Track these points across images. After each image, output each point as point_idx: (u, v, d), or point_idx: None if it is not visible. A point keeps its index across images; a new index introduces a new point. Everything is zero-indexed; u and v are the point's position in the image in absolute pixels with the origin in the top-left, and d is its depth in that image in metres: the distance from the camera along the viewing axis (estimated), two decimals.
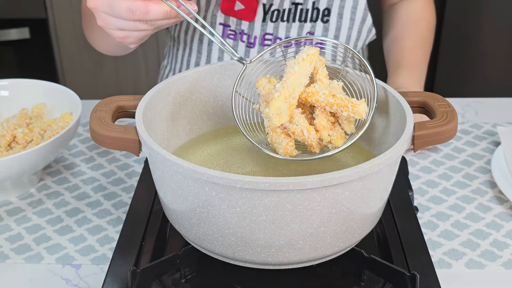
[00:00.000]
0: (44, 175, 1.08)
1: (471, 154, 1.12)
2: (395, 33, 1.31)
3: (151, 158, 0.75)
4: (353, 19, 1.22)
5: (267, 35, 1.23)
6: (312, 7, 1.21)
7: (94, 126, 0.76)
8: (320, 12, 1.21)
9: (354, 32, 1.24)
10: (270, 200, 0.66)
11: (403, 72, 1.22)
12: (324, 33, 1.23)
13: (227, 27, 1.22)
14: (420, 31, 1.30)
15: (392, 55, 1.28)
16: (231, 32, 1.22)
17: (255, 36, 1.23)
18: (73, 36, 2.44)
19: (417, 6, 1.32)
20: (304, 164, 0.84)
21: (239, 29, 1.23)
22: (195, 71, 0.88)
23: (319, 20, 1.22)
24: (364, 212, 0.73)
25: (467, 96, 1.37)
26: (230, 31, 1.23)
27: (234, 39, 1.23)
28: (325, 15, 1.21)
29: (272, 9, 1.21)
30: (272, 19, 1.22)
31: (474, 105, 1.29)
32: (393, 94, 0.81)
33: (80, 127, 1.21)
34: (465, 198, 1.01)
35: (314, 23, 1.22)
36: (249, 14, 1.21)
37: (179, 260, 0.77)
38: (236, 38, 1.23)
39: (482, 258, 0.88)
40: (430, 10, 1.34)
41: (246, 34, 1.23)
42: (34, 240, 0.93)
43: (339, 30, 1.23)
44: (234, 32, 1.23)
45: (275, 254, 0.71)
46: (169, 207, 0.76)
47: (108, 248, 0.91)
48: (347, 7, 1.21)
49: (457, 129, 0.90)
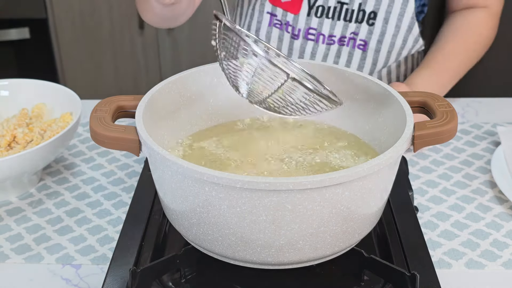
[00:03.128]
0: (44, 175, 1.07)
1: (471, 154, 1.12)
2: (441, 35, 1.28)
3: (151, 158, 0.75)
4: (399, 26, 1.22)
5: (311, 29, 1.24)
6: (358, 8, 1.21)
7: (94, 126, 0.76)
8: (366, 14, 1.21)
9: (399, 40, 1.23)
10: (270, 200, 0.66)
11: (425, 72, 1.20)
12: (368, 35, 1.22)
13: (274, 17, 1.25)
14: (468, 41, 1.26)
15: (428, 54, 1.26)
16: (277, 21, 1.25)
17: (299, 29, 1.24)
18: (73, 36, 2.44)
19: (477, 17, 1.28)
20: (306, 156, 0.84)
21: (284, 20, 1.25)
22: (195, 70, 0.88)
23: (364, 22, 1.22)
24: (364, 212, 0.73)
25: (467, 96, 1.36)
26: (276, 20, 1.25)
27: (280, 28, 1.26)
28: (371, 18, 1.21)
29: (317, 4, 1.22)
30: (317, 15, 1.22)
31: (474, 105, 1.29)
32: (393, 94, 0.81)
33: (80, 127, 1.21)
34: (465, 198, 1.01)
35: (359, 24, 1.22)
36: (294, 7, 1.23)
37: (179, 260, 0.77)
38: (282, 28, 1.25)
39: (482, 258, 0.88)
40: (490, 26, 1.30)
41: (291, 25, 1.24)
42: (34, 240, 0.93)
43: (383, 35, 1.23)
44: (280, 22, 1.25)
45: (275, 254, 0.71)
46: (169, 207, 0.76)
47: (108, 248, 0.91)
48: (393, 13, 1.21)
49: (457, 129, 0.90)
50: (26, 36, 2.36)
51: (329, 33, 1.23)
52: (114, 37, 2.44)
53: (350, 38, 1.21)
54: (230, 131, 0.92)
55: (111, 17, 2.40)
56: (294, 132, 0.91)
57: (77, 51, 2.47)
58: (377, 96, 0.84)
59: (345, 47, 1.23)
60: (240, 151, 0.86)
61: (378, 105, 0.85)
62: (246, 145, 0.87)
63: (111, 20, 2.40)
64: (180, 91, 0.87)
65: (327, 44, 1.22)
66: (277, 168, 0.82)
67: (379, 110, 0.84)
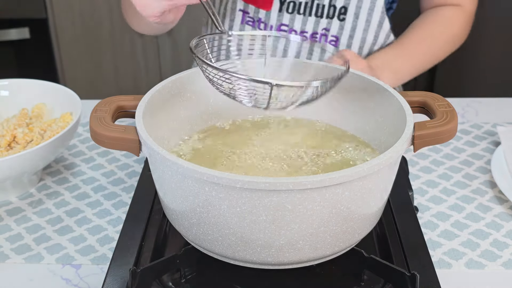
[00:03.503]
0: (44, 175, 1.07)
1: (471, 154, 1.12)
2: (410, 27, 1.28)
3: (151, 158, 0.75)
4: (369, 21, 1.22)
5: (282, 26, 1.24)
6: (329, 3, 1.21)
7: (94, 126, 0.76)
8: (337, 10, 1.21)
9: (370, 35, 1.24)
10: (270, 200, 0.66)
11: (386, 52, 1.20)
12: (339, 31, 1.23)
13: (246, 14, 1.25)
14: (435, 31, 1.27)
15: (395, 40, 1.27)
16: (249, 19, 1.25)
17: (271, 26, 1.24)
18: (73, 36, 2.44)
19: (447, 11, 1.29)
20: None
21: (257, 17, 1.25)
22: (195, 70, 0.88)
23: (335, 17, 1.22)
24: (364, 212, 0.73)
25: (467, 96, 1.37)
26: (248, 17, 1.25)
27: (253, 25, 1.26)
28: (342, 13, 1.21)
29: (288, 0, 1.22)
30: (288, 10, 1.23)
31: (474, 105, 1.29)
32: (393, 94, 0.81)
33: (80, 127, 1.21)
34: (465, 198, 1.01)
35: (331, 20, 1.22)
36: (265, 3, 1.23)
37: (179, 260, 0.77)
38: (254, 25, 1.25)
39: (482, 258, 0.88)
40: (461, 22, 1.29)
41: (263, 22, 1.24)
42: (34, 240, 0.93)
43: (354, 31, 1.23)
44: (253, 19, 1.25)
45: (275, 254, 0.71)
46: (169, 207, 0.76)
47: (108, 248, 0.91)
48: (364, 8, 1.21)
49: (457, 129, 0.90)
50: (26, 36, 2.36)
51: (300, 29, 1.23)
52: (114, 37, 2.44)
53: (322, 34, 1.22)
54: (231, 131, 0.91)
55: (111, 17, 2.40)
56: (295, 132, 0.91)
57: (77, 51, 2.47)
58: (377, 96, 0.84)
59: (316, 44, 1.24)
60: (241, 151, 0.86)
61: (378, 105, 0.84)
62: (247, 145, 0.87)
63: (111, 20, 2.40)
64: (180, 91, 0.87)
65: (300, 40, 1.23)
66: (278, 168, 0.82)
67: (379, 110, 0.84)
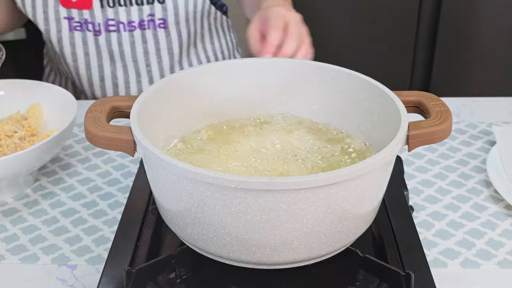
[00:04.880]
0: (40, 175, 1.07)
1: (466, 153, 1.12)
2: None
3: (146, 158, 0.75)
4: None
5: (109, 20, 1.26)
6: None
7: (89, 127, 0.76)
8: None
9: (190, 6, 1.28)
10: (264, 200, 0.66)
11: None
12: (164, 12, 1.27)
13: (71, 20, 1.26)
14: None
15: None
16: (76, 24, 1.26)
17: (99, 23, 1.27)
18: None
19: None
20: None
21: (83, 19, 1.26)
22: (191, 70, 0.88)
23: (155, 1, 1.25)
24: (359, 211, 0.73)
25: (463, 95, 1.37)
26: (75, 23, 1.26)
27: (81, 30, 1.27)
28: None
29: None
30: (110, 5, 1.25)
31: (470, 104, 1.30)
32: (388, 93, 0.81)
33: (75, 128, 1.21)
34: (460, 197, 1.01)
35: (152, 5, 1.26)
36: (86, 3, 1.25)
37: (174, 260, 0.77)
38: (83, 28, 1.27)
39: (477, 257, 0.88)
40: None
41: (90, 22, 1.26)
42: (30, 241, 0.93)
43: (177, 8, 1.27)
44: (80, 23, 1.26)
45: (270, 254, 0.71)
46: (164, 207, 0.76)
47: (103, 248, 0.91)
48: None
49: (452, 128, 0.91)
50: (23, 36, 2.36)
51: (127, 20, 1.26)
52: None
53: (149, 20, 1.25)
54: (227, 131, 0.91)
55: None
56: (291, 131, 0.91)
57: None
58: (372, 95, 0.84)
59: (147, 30, 1.28)
60: (237, 151, 0.86)
61: (372, 105, 0.84)
62: (243, 145, 0.87)
63: None
64: (175, 92, 0.87)
65: (129, 31, 1.25)
66: (273, 168, 0.82)
67: (373, 109, 0.84)
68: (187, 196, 0.70)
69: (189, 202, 0.70)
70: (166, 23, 1.27)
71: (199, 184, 0.67)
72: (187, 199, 0.70)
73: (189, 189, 0.69)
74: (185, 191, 0.69)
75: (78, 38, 1.29)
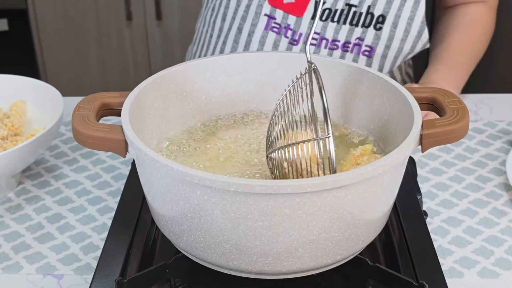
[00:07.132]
0: (24, 178, 1.08)
1: (484, 154, 1.13)
2: (444, 31, 1.31)
3: (138, 160, 0.75)
4: (408, 31, 1.22)
5: (314, 34, 1.23)
6: (367, 11, 1.21)
7: (77, 125, 0.76)
8: (374, 18, 1.22)
9: (407, 45, 1.24)
10: (266, 204, 0.66)
11: (440, 68, 1.22)
12: (374, 41, 1.23)
13: (272, 19, 1.24)
14: (472, 34, 1.30)
15: (434, 51, 1.29)
16: (275, 25, 1.24)
17: (301, 33, 1.24)
18: (55, 28, 2.44)
19: (476, 9, 1.32)
20: None
21: (285, 23, 1.24)
22: (186, 65, 0.89)
23: (371, 26, 1.22)
24: (369, 217, 0.73)
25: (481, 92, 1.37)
26: (274, 23, 1.24)
27: (278, 32, 1.24)
28: (379, 22, 1.22)
29: (323, 7, 1.22)
30: (322, 18, 1.22)
31: (488, 101, 1.30)
32: (400, 89, 0.81)
33: (62, 127, 1.21)
34: (478, 202, 1.01)
35: (366, 29, 1.23)
36: (298, 9, 1.23)
37: (169, 269, 0.78)
38: (280, 32, 1.24)
39: (496, 267, 0.89)
40: (490, 17, 1.34)
41: (291, 29, 1.24)
42: (13, 249, 0.93)
43: (391, 40, 1.23)
44: (279, 25, 1.24)
45: (272, 262, 0.72)
46: (158, 213, 0.76)
47: (92, 257, 0.91)
48: (403, 17, 1.22)
49: (469, 127, 0.91)
50: (5, 28, 2.36)
51: (333, 37, 1.23)
52: (100, 28, 2.44)
53: (355, 44, 1.22)
54: (224, 129, 0.92)
55: (96, 7, 2.40)
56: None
57: (59, 44, 2.47)
58: (383, 92, 0.84)
59: (348, 54, 1.24)
60: (235, 151, 0.86)
61: (383, 102, 0.85)
62: (241, 144, 0.88)
63: (97, 10, 2.40)
64: (170, 87, 0.88)
65: (330, 49, 1.22)
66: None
67: (384, 107, 0.85)
68: (183, 201, 0.70)
69: (185, 207, 0.70)
70: (372, 52, 1.24)
71: (195, 187, 0.67)
72: (183, 203, 0.70)
73: (185, 192, 0.69)
74: (181, 195, 0.69)
75: (270, 39, 1.26)
